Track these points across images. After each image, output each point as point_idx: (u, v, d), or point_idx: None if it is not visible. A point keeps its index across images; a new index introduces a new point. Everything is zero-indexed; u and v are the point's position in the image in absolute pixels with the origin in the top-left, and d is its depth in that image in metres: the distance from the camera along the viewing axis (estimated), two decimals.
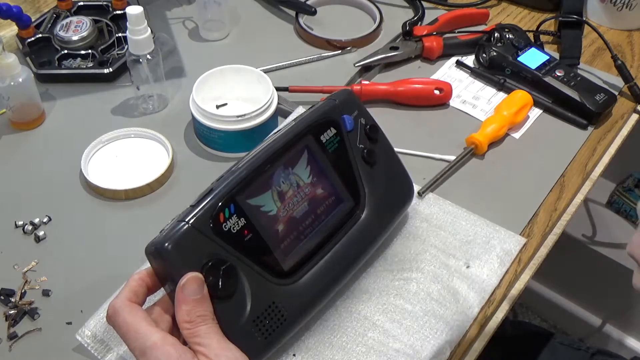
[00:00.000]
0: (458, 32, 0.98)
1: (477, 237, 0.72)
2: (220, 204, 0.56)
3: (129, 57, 0.83)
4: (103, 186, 0.76)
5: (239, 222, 0.56)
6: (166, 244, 0.52)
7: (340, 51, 0.98)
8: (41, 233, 0.72)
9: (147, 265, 0.55)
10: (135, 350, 0.50)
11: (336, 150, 0.65)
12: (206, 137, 0.81)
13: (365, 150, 0.67)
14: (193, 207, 0.55)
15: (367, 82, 0.89)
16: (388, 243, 0.71)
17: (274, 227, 0.60)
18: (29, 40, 0.93)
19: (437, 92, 0.88)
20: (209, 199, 0.55)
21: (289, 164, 0.61)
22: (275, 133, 0.64)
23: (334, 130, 0.65)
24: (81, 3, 0.99)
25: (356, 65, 0.93)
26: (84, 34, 0.93)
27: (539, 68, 0.90)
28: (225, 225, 0.56)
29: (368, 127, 0.68)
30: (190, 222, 0.54)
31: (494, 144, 0.84)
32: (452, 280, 0.68)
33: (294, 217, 0.61)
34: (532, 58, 0.91)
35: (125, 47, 0.88)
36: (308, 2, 1.03)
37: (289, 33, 1.02)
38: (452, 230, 0.72)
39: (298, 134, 0.62)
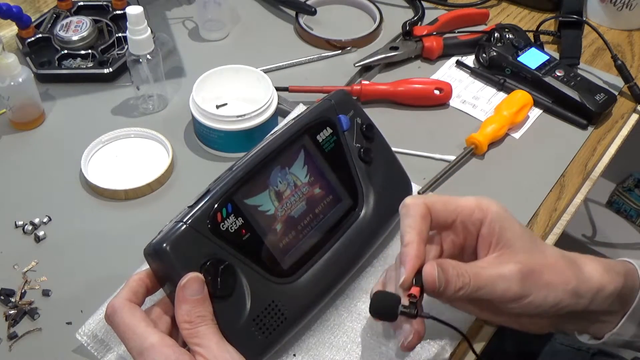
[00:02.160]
0: (458, 32, 0.98)
1: None
2: (217, 204, 0.56)
3: (129, 57, 0.83)
4: (103, 186, 0.76)
5: (237, 221, 0.57)
6: (164, 245, 0.53)
7: (340, 51, 0.98)
8: (41, 233, 0.72)
9: (147, 265, 0.55)
10: (132, 350, 0.50)
11: (333, 150, 0.65)
12: (206, 137, 0.81)
13: (362, 149, 0.67)
14: (191, 207, 0.55)
15: (367, 82, 0.89)
16: (388, 242, 0.71)
17: (272, 227, 0.60)
18: (29, 40, 0.93)
19: (437, 92, 0.88)
20: (206, 200, 0.56)
21: (285, 163, 0.61)
22: (274, 132, 0.65)
23: (330, 130, 0.65)
24: (81, 3, 0.99)
25: (356, 65, 0.93)
26: (84, 34, 0.93)
27: (539, 68, 0.90)
28: (223, 225, 0.56)
29: (364, 126, 0.68)
30: (188, 222, 0.54)
31: (494, 144, 0.84)
32: None
33: (292, 217, 0.61)
34: (532, 58, 0.91)
35: (125, 47, 0.88)
36: (308, 2, 1.03)
37: (289, 33, 1.02)
38: None
39: (294, 134, 0.63)
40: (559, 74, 0.89)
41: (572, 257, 0.57)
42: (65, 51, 0.92)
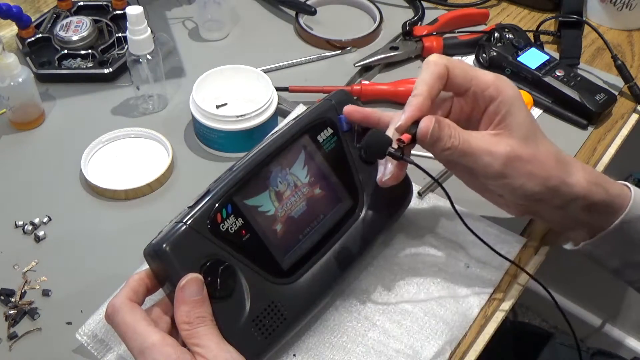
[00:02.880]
0: (458, 32, 0.98)
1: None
2: (217, 204, 0.56)
3: (129, 57, 0.83)
4: (103, 186, 0.76)
5: (237, 222, 0.57)
6: (164, 245, 0.53)
7: (340, 51, 0.98)
8: (41, 233, 0.72)
9: (147, 265, 0.55)
10: (133, 349, 0.50)
11: (333, 150, 0.65)
12: (206, 137, 0.81)
13: (363, 150, 0.67)
14: (190, 208, 0.55)
15: (367, 82, 0.89)
16: (388, 243, 0.71)
17: (272, 227, 0.60)
18: (29, 40, 0.93)
19: None
20: (206, 200, 0.56)
21: (285, 164, 0.61)
22: (274, 133, 0.65)
23: (330, 130, 0.65)
24: (81, 3, 0.99)
25: (356, 65, 0.93)
26: (84, 34, 0.93)
27: (539, 68, 0.89)
28: (222, 226, 0.56)
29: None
30: (187, 223, 0.54)
31: None
32: (452, 281, 0.68)
33: (292, 217, 0.61)
34: (532, 58, 0.91)
35: (125, 47, 0.88)
36: (308, 2, 1.03)
37: (289, 33, 1.02)
38: (452, 230, 0.72)
39: (295, 134, 0.63)
40: (559, 74, 0.89)
41: (566, 160, 0.60)
42: (65, 51, 0.92)
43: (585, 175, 0.59)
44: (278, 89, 0.84)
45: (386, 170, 0.60)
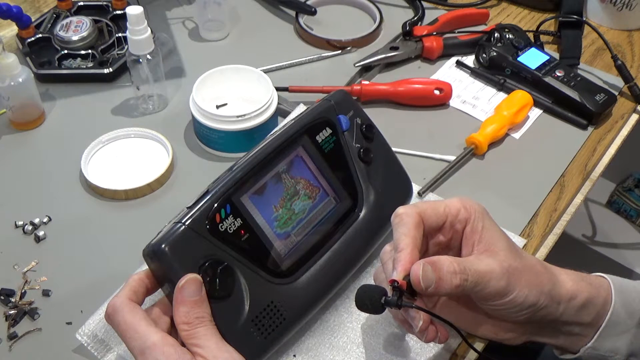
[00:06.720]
0: (458, 32, 0.98)
1: None
2: (216, 204, 0.56)
3: (129, 57, 0.83)
4: (103, 186, 0.76)
5: (235, 222, 0.57)
6: (162, 246, 0.53)
7: (340, 51, 0.98)
8: (41, 233, 0.72)
9: (147, 265, 0.55)
10: (134, 349, 0.51)
11: (332, 150, 0.65)
12: (206, 137, 0.81)
13: (362, 150, 0.67)
14: (189, 208, 0.56)
15: (367, 82, 0.89)
16: (388, 242, 0.70)
17: (271, 227, 0.60)
18: (29, 40, 0.93)
19: (437, 92, 0.88)
20: (205, 200, 0.56)
21: (284, 164, 0.61)
22: (274, 133, 0.65)
23: (329, 130, 0.65)
24: (81, 3, 0.99)
25: (356, 65, 0.93)
26: (84, 34, 0.93)
27: (539, 68, 0.89)
28: (221, 226, 0.56)
29: (364, 126, 0.68)
30: (186, 223, 0.54)
31: (494, 144, 0.84)
32: None
33: (291, 217, 0.61)
34: (532, 58, 0.91)
35: (125, 47, 0.88)
36: (308, 2, 1.03)
37: (289, 33, 1.02)
38: None
39: (293, 134, 0.63)
40: (559, 74, 0.89)
41: (546, 264, 0.59)
42: (65, 51, 0.92)
43: (568, 275, 0.58)
44: (278, 89, 0.84)
45: (413, 319, 0.55)
